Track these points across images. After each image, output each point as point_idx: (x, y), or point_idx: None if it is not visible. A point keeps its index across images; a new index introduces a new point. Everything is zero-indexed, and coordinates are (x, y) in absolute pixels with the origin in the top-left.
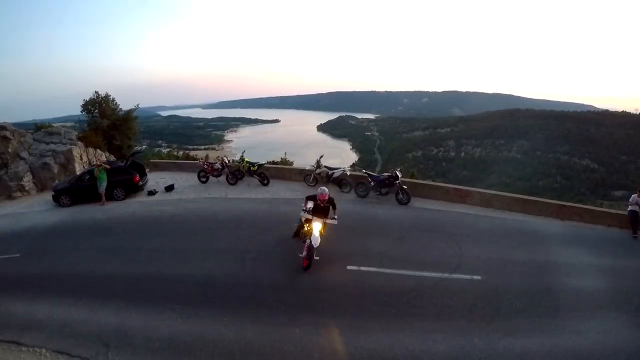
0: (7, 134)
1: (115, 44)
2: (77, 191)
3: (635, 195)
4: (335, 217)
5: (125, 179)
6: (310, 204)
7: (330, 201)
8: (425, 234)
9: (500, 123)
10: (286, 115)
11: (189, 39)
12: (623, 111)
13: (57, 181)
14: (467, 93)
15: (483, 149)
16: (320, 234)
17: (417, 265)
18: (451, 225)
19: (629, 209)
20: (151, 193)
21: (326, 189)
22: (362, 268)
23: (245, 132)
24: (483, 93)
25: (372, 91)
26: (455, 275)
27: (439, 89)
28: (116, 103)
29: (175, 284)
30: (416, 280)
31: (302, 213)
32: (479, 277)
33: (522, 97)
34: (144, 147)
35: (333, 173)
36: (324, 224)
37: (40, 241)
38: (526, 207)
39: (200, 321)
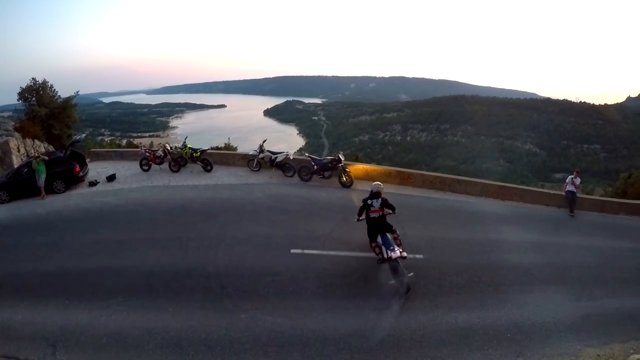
0: None
1: (52, 26)
2: (15, 185)
3: (572, 176)
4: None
5: (65, 170)
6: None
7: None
8: None
9: (445, 108)
10: (232, 101)
11: (131, 21)
12: (564, 99)
13: None
14: (414, 79)
15: (429, 134)
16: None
17: (360, 246)
18: (395, 206)
19: (566, 189)
20: (92, 184)
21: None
22: (306, 251)
23: (190, 118)
24: (429, 79)
25: (319, 76)
26: None
27: (386, 75)
28: (55, 90)
29: (120, 276)
30: (359, 261)
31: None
32: (421, 256)
33: (468, 84)
34: (84, 135)
35: (276, 157)
36: None
37: None
38: (468, 188)
39: (146, 313)
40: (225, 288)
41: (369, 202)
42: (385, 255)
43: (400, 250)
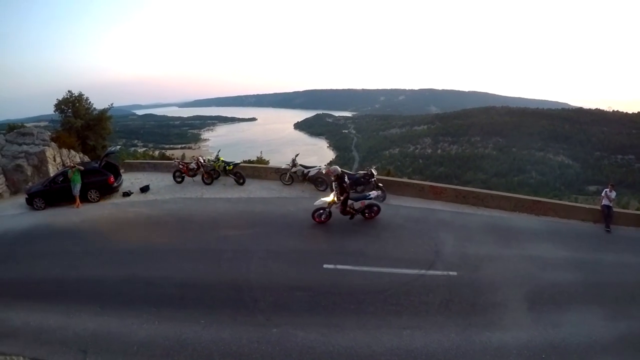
0: None
1: (89, 42)
2: (51, 193)
3: (607, 189)
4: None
5: (100, 180)
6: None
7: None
8: (401, 231)
9: (476, 120)
10: (263, 114)
11: (166, 36)
12: (597, 109)
13: (30, 183)
14: (444, 91)
15: (459, 146)
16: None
17: (394, 262)
18: (427, 222)
19: (602, 203)
20: (126, 194)
21: (337, 168)
22: (339, 266)
23: (222, 130)
24: (459, 91)
25: (349, 89)
26: (431, 272)
27: (416, 87)
28: (90, 102)
29: (152, 286)
30: (393, 278)
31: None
32: (454, 273)
33: (498, 95)
34: (118, 147)
35: (309, 171)
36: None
37: (14, 246)
38: (501, 203)
39: (177, 323)
40: (257, 301)
41: (346, 180)
42: (357, 207)
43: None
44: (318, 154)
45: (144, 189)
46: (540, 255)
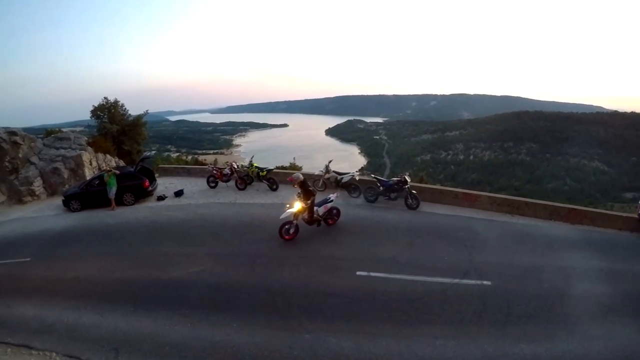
0: (18, 139)
1: (124, 49)
2: (87, 196)
3: None
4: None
5: (135, 184)
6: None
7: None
8: (434, 239)
9: (508, 125)
10: (294, 120)
11: (197, 43)
12: (632, 112)
13: (67, 186)
14: (476, 96)
15: (492, 152)
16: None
17: (427, 270)
18: (461, 230)
19: (639, 211)
20: (161, 198)
21: (299, 175)
22: (372, 274)
23: (254, 136)
24: (491, 95)
25: (380, 95)
26: (465, 281)
27: (447, 92)
28: (125, 108)
29: (185, 289)
30: (426, 286)
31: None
32: (489, 283)
33: (531, 99)
34: (153, 152)
35: (342, 178)
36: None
37: (50, 245)
38: (536, 211)
39: (210, 326)
40: (290, 307)
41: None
42: (322, 213)
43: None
44: (349, 160)
45: (178, 193)
46: (576, 266)
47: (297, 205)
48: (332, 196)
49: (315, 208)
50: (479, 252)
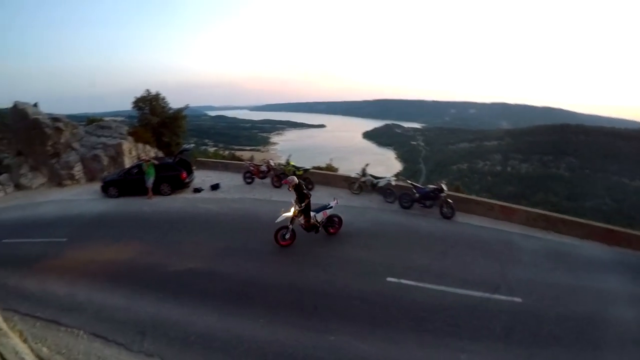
0: (61, 125)
1: (167, 44)
2: (125, 184)
3: None
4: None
5: (173, 175)
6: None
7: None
8: (468, 250)
9: (548, 138)
10: (332, 121)
11: (241, 40)
12: None
13: (106, 173)
14: (516, 105)
15: (530, 165)
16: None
17: (458, 282)
18: (495, 243)
19: None
20: (197, 190)
21: (294, 178)
22: (402, 281)
23: (291, 135)
24: (532, 106)
25: (419, 100)
26: (495, 296)
27: (487, 100)
28: (166, 101)
29: (215, 280)
30: (455, 298)
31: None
32: (519, 300)
33: (572, 112)
34: (192, 145)
35: (378, 182)
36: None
37: (86, 228)
38: (572, 229)
39: (237, 319)
40: (317, 308)
41: (305, 187)
42: (320, 219)
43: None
44: (385, 165)
45: (215, 187)
46: (610, 289)
47: (292, 210)
48: (332, 203)
49: (313, 214)
50: (512, 268)
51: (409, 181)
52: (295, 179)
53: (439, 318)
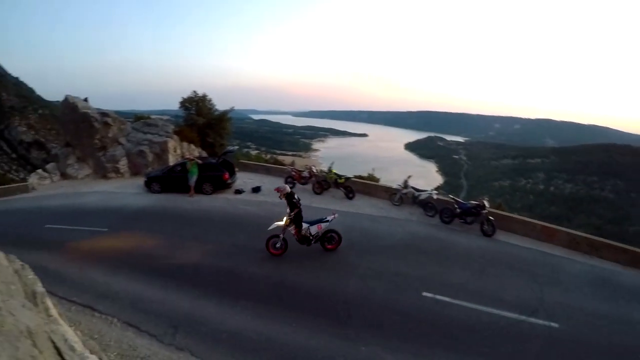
0: (109, 120)
1: (216, 46)
2: (168, 180)
3: None
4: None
5: (215, 175)
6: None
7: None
8: (506, 270)
9: (594, 158)
10: (374, 130)
11: (287, 46)
12: None
13: (150, 169)
14: (562, 123)
15: (574, 185)
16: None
17: (494, 302)
18: (534, 265)
19: None
20: (238, 192)
21: (286, 186)
22: (438, 296)
23: (332, 142)
24: (578, 124)
25: (463, 113)
26: (532, 319)
27: (532, 116)
28: (212, 103)
29: (251, 282)
30: (491, 318)
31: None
32: (556, 325)
33: (620, 132)
34: (236, 147)
35: (420, 195)
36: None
37: (128, 220)
38: (617, 254)
39: (269, 321)
40: (351, 317)
41: (296, 197)
42: (314, 232)
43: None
44: (426, 178)
45: (256, 190)
46: None
47: (285, 219)
48: (330, 217)
49: (306, 225)
50: (550, 291)
51: (451, 196)
52: (287, 188)
53: (472, 338)
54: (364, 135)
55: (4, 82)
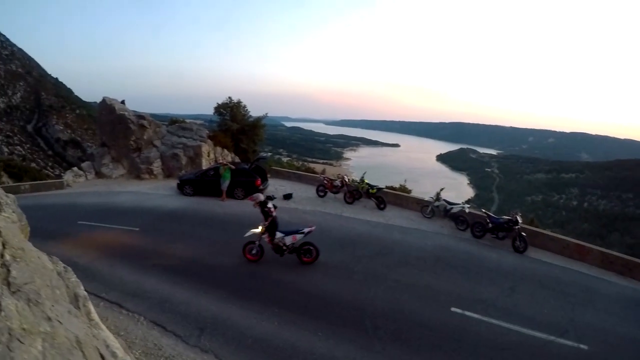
0: (145, 123)
1: (249, 52)
2: (201, 184)
3: None
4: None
5: (247, 181)
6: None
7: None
8: (537, 288)
9: (630, 174)
10: (406, 141)
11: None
12: None
13: (183, 171)
14: (597, 137)
15: (608, 202)
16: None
17: (524, 321)
18: (566, 284)
19: None
20: (269, 198)
21: (259, 195)
22: (467, 313)
23: (364, 152)
24: (614, 138)
25: (496, 125)
26: (561, 340)
27: (567, 130)
28: (247, 109)
29: (279, 288)
30: (520, 337)
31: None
32: (585, 347)
33: None
34: (269, 154)
35: (452, 208)
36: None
37: (159, 221)
38: None
39: (296, 329)
40: (378, 329)
41: (268, 205)
42: (288, 242)
43: (295, 237)
44: (457, 190)
45: (287, 197)
46: None
47: (260, 227)
48: (307, 229)
49: (281, 235)
50: (582, 312)
51: (483, 210)
52: (261, 196)
53: (499, 356)
54: (396, 145)
55: (43, 83)
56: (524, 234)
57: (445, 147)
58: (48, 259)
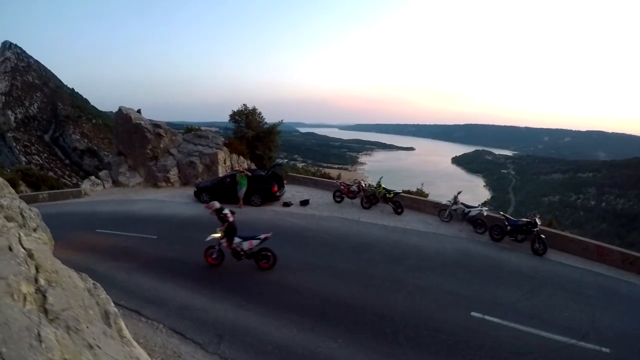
0: (161, 131)
1: (264, 60)
2: (218, 191)
3: None
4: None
5: (264, 188)
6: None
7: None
8: (557, 291)
9: None
10: (421, 144)
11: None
12: None
13: (200, 179)
14: (614, 134)
15: (627, 201)
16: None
17: (544, 324)
18: (587, 286)
19: None
20: (286, 204)
21: (215, 203)
22: (487, 317)
23: (379, 156)
24: (632, 135)
25: (511, 126)
26: (582, 343)
27: (583, 128)
28: (262, 116)
29: (297, 295)
30: (540, 341)
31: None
32: (607, 350)
33: None
34: (285, 160)
35: (470, 211)
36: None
37: (177, 229)
38: None
39: (315, 336)
40: (397, 335)
41: (224, 212)
42: (245, 248)
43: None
44: (473, 192)
45: (304, 203)
46: None
47: (219, 232)
48: (263, 235)
49: (239, 240)
50: (603, 314)
51: (502, 212)
52: (216, 204)
53: None
54: (411, 148)
55: (60, 93)
56: (543, 236)
57: (460, 150)
58: (77, 276)
